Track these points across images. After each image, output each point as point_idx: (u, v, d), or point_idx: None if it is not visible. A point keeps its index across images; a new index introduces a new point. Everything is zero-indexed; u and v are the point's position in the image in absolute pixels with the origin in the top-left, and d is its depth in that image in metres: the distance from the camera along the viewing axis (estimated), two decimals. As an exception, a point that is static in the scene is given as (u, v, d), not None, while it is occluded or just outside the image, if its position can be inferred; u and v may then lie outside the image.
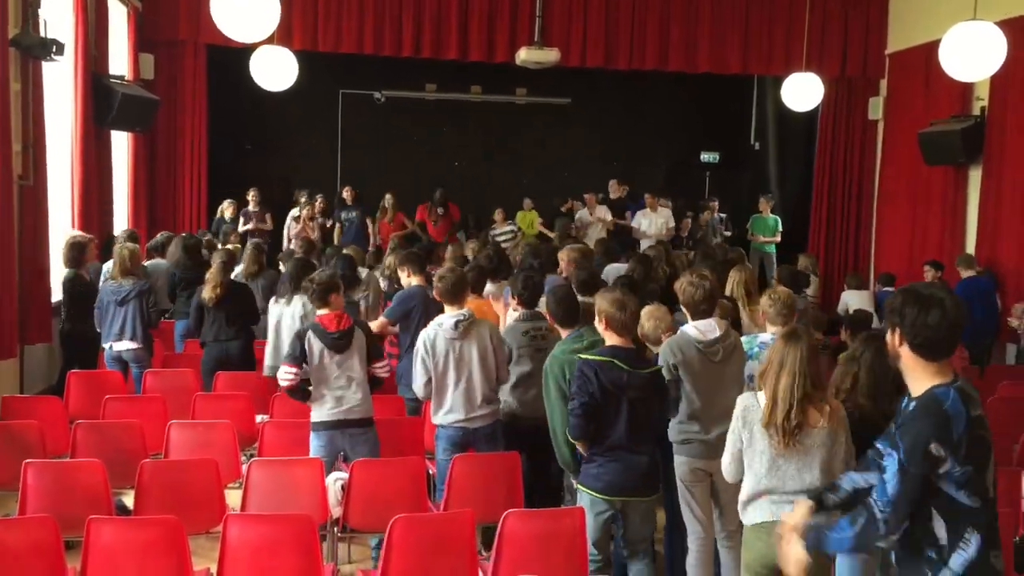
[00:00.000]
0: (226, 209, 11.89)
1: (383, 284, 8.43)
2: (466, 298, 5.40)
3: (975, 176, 10.45)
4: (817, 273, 10.53)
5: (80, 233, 8.20)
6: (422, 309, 6.44)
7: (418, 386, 5.25)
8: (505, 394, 5.47)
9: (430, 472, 5.64)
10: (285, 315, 6.66)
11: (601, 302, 4.44)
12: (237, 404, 6.27)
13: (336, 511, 4.92)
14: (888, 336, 2.88)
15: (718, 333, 4.78)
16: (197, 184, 11.46)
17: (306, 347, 5.19)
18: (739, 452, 3.83)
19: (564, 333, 4.98)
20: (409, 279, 6.67)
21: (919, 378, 2.85)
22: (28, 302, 7.65)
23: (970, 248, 10.21)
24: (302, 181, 13.73)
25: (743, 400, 3.88)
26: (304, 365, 5.18)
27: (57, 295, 8.30)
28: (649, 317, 5.18)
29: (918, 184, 11.49)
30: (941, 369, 2.83)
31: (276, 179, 13.72)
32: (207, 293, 6.99)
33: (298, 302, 6.60)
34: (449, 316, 5.24)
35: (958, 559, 2.81)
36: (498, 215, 13.09)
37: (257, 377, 6.88)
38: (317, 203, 12.55)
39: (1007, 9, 9.15)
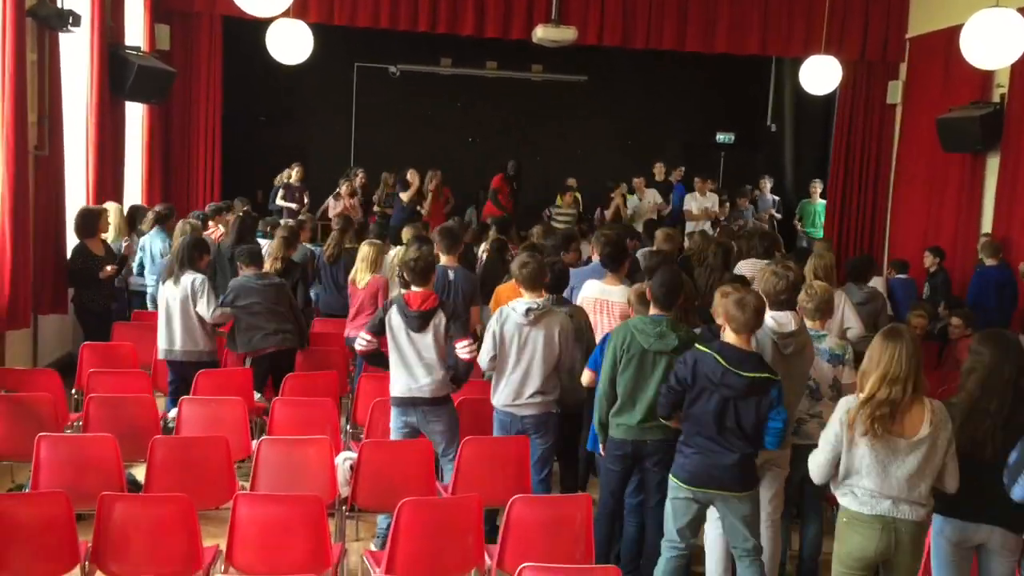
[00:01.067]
0: (293, 173, 11.95)
1: None
2: (542, 286, 5.37)
3: (992, 164, 10.36)
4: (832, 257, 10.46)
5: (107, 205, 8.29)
6: (439, 290, 6.48)
7: (483, 359, 5.31)
8: None
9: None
10: (172, 298, 6.52)
11: (724, 301, 4.44)
12: (241, 380, 6.31)
13: (344, 490, 4.96)
14: None
15: (794, 327, 4.76)
16: (211, 156, 11.45)
17: (387, 320, 5.25)
18: (837, 455, 3.81)
19: (652, 311, 4.87)
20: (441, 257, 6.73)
21: None
22: (43, 273, 7.69)
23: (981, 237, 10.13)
24: (315, 154, 13.73)
25: (845, 403, 3.86)
26: (380, 336, 5.28)
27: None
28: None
29: (935, 170, 11.40)
30: None
31: (290, 152, 13.69)
32: (268, 266, 7.08)
33: (186, 280, 6.51)
34: (523, 302, 5.24)
35: None
36: (567, 197, 12.81)
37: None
38: (358, 179, 12.57)
39: (1031, -5, 9.03)
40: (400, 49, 14.22)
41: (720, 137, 15.70)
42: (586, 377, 5.18)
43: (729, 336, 4.36)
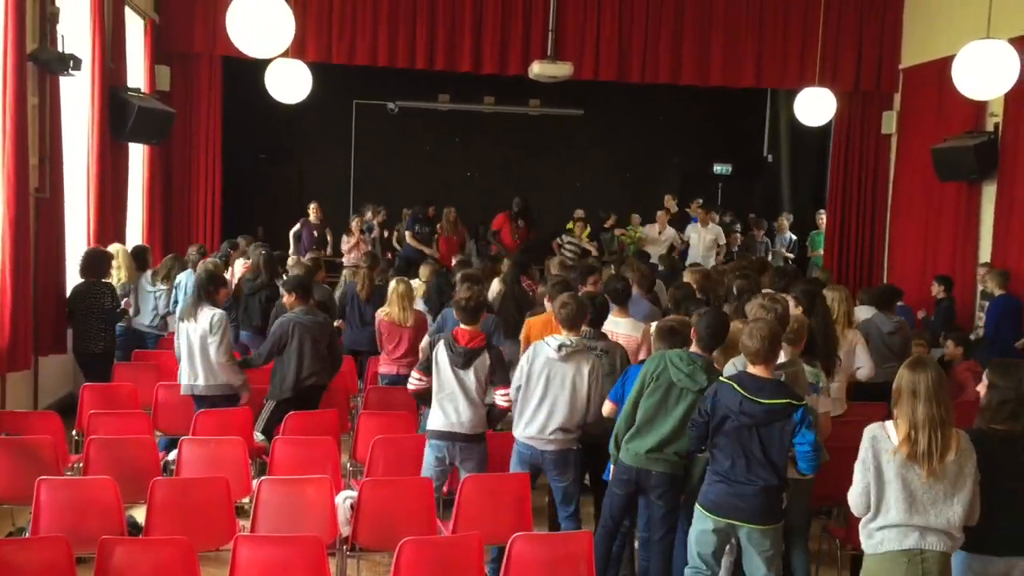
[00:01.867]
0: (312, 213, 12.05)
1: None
2: (581, 325, 5.45)
3: (989, 192, 10.40)
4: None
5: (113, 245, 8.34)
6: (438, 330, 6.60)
7: (512, 388, 5.38)
8: None
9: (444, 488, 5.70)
10: (193, 333, 6.50)
11: (741, 332, 4.52)
12: (241, 420, 6.31)
13: (345, 530, 4.95)
14: None
15: (784, 358, 4.80)
16: (212, 194, 11.52)
17: (434, 356, 5.41)
18: (868, 485, 3.80)
19: (693, 349, 4.91)
20: None
21: None
22: (43, 314, 7.71)
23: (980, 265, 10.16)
24: (316, 191, 13.81)
25: (871, 431, 3.85)
26: (431, 375, 5.44)
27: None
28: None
29: (931, 199, 11.45)
30: None
31: (291, 189, 13.79)
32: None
33: (205, 317, 6.49)
34: (557, 338, 5.30)
35: None
36: (577, 227, 13.03)
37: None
38: (379, 215, 12.71)
39: (1023, 26, 9.13)
40: (398, 86, 14.37)
41: (717, 168, 15.81)
42: (607, 408, 5.23)
43: (749, 366, 4.45)
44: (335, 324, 7.90)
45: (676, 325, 5.18)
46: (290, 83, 8.89)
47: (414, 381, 5.60)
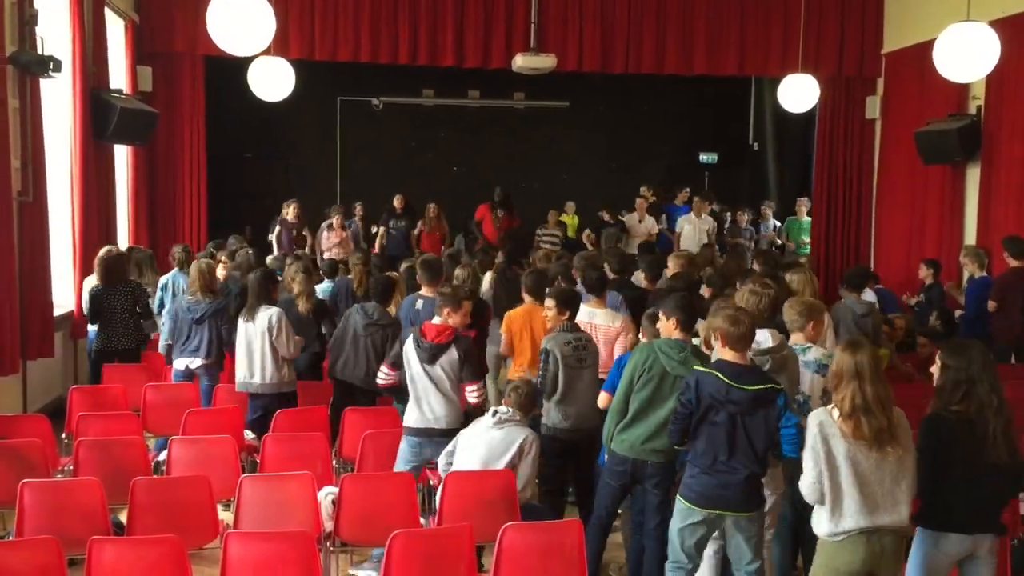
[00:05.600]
0: (289, 211, 11.88)
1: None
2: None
3: (972, 175, 10.45)
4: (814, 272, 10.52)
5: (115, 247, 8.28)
6: (407, 323, 6.59)
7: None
8: (550, 409, 5.59)
9: (431, 482, 5.70)
10: (253, 332, 6.56)
11: (716, 318, 4.48)
12: (231, 419, 6.31)
13: (328, 525, 4.95)
14: None
15: (772, 343, 4.80)
16: (197, 194, 11.47)
17: (403, 352, 5.41)
18: (820, 471, 3.82)
19: (677, 336, 4.90)
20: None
21: None
22: (29, 318, 7.68)
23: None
24: (302, 189, 13.78)
25: (817, 416, 3.88)
26: (400, 369, 5.46)
27: (58, 310, 8.38)
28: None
29: (916, 183, 11.50)
30: None
31: (277, 188, 13.75)
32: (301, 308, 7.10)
33: (263, 316, 6.53)
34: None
35: None
36: (551, 217, 13.05)
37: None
38: (357, 212, 12.71)
39: (1002, 7, 9.16)
40: (383, 82, 14.34)
41: (703, 157, 15.82)
42: (602, 399, 5.23)
43: (725, 353, 4.40)
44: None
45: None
46: (273, 81, 8.85)
47: (382, 376, 5.64)
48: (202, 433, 5.97)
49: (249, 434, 6.47)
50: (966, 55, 7.24)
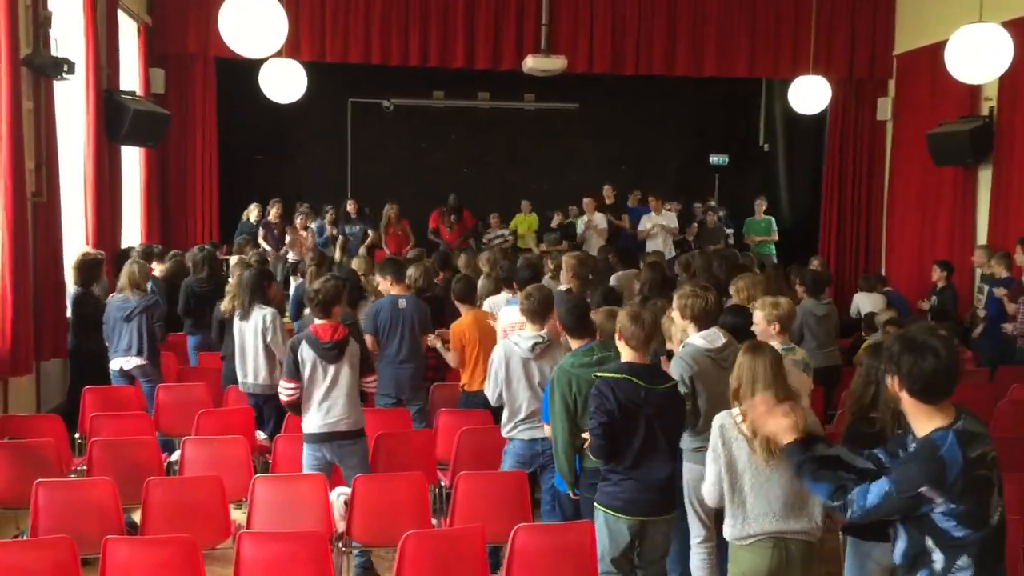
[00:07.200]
0: (251, 212, 11.90)
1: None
2: (550, 317, 5.34)
3: (984, 176, 10.42)
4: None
5: (92, 250, 8.28)
6: (389, 319, 6.54)
7: (491, 394, 5.35)
8: None
9: (442, 483, 5.71)
10: (246, 332, 6.57)
11: (620, 316, 4.42)
12: (243, 419, 6.32)
13: (340, 525, 4.96)
14: (888, 381, 3.02)
15: (723, 340, 4.81)
16: (208, 196, 11.54)
17: (299, 357, 5.20)
18: (720, 473, 3.77)
19: (574, 344, 4.97)
20: (389, 287, 6.75)
21: (919, 421, 2.98)
22: (42, 318, 7.71)
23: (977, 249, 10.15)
24: (312, 190, 13.81)
25: (719, 419, 3.83)
26: (300, 379, 5.21)
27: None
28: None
29: (928, 185, 11.47)
30: (942, 410, 2.94)
31: (287, 189, 13.76)
32: (226, 304, 6.98)
33: (257, 316, 6.53)
34: (527, 337, 5.25)
35: None
36: (493, 219, 13.14)
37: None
38: (330, 214, 12.66)
39: (1015, 9, 9.14)
40: (393, 83, 14.35)
41: (714, 159, 15.78)
42: (547, 429, 5.00)
43: (628, 355, 4.32)
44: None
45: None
46: (284, 83, 8.90)
47: (287, 391, 5.23)
48: (214, 433, 5.99)
49: (261, 434, 6.50)
50: (978, 56, 7.22)
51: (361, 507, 4.87)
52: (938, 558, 2.92)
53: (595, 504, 4.38)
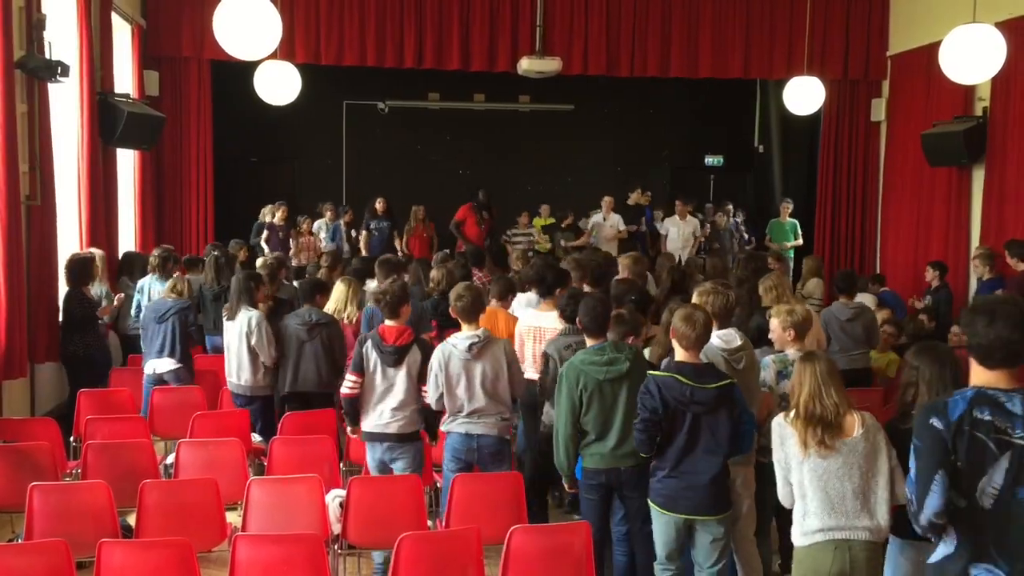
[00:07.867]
0: (266, 214, 11.91)
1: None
2: (479, 316, 5.38)
3: (978, 176, 10.44)
4: (823, 275, 10.52)
5: (89, 250, 8.27)
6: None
7: (432, 399, 5.30)
8: (549, 410, 5.52)
9: (438, 485, 5.71)
10: (232, 333, 6.57)
11: (673, 317, 4.47)
12: (238, 422, 6.32)
13: (336, 528, 4.96)
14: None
15: (739, 342, 4.82)
16: (203, 198, 11.51)
17: (364, 353, 5.29)
18: (786, 477, 3.82)
19: (589, 342, 4.97)
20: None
21: (972, 380, 3.03)
22: (36, 321, 7.71)
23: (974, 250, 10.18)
24: (308, 193, 13.80)
25: (776, 424, 3.90)
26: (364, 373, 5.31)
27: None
28: None
29: (922, 185, 11.49)
30: (999, 377, 2.96)
31: (282, 192, 13.76)
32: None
33: (243, 318, 6.53)
34: (464, 337, 5.23)
35: (938, 552, 3.05)
36: (523, 218, 13.17)
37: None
38: (346, 215, 12.84)
39: (1009, 9, 9.16)
40: (388, 85, 14.36)
41: (709, 160, 15.81)
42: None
43: (680, 354, 4.38)
44: None
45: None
46: (279, 85, 8.89)
47: (348, 384, 5.37)
48: (209, 436, 5.98)
49: (256, 437, 6.49)
50: (972, 57, 7.24)
51: (357, 509, 4.87)
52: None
53: (648, 500, 4.52)
